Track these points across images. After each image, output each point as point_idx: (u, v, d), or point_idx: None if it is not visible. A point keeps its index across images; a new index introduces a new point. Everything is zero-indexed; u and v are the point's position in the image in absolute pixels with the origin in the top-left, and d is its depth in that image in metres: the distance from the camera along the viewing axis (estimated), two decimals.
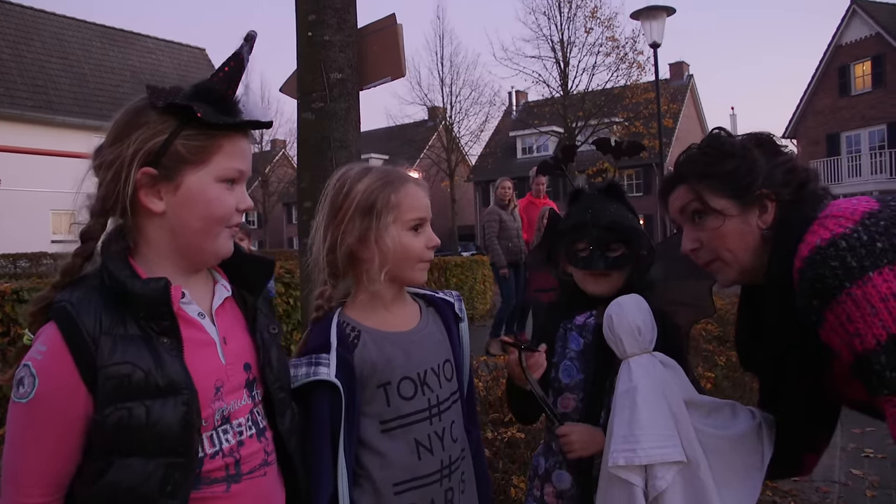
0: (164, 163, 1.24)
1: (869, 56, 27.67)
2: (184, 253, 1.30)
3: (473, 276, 11.54)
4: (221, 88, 1.27)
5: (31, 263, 16.38)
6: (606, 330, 1.75)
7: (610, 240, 1.88)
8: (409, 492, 1.52)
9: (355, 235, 1.55)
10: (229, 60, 1.29)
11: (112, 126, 1.28)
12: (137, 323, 1.20)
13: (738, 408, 1.70)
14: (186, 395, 1.20)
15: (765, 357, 1.56)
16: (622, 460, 1.59)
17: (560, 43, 27.15)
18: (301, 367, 1.50)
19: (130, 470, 1.16)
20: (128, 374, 1.16)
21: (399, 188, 1.58)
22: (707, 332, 6.68)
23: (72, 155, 12.90)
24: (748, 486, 1.62)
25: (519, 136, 40.62)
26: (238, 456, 1.30)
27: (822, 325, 1.32)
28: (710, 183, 1.56)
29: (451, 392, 1.63)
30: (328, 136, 3.00)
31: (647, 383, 1.65)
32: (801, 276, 1.34)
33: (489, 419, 3.81)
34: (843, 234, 1.30)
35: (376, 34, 3.24)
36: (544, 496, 1.91)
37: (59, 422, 1.16)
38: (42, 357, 1.15)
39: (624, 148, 2.11)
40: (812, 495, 4.03)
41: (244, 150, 1.32)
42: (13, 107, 19.04)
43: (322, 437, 1.47)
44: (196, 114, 1.22)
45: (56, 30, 22.15)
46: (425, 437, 1.56)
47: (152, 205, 1.25)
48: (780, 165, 1.53)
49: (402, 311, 1.65)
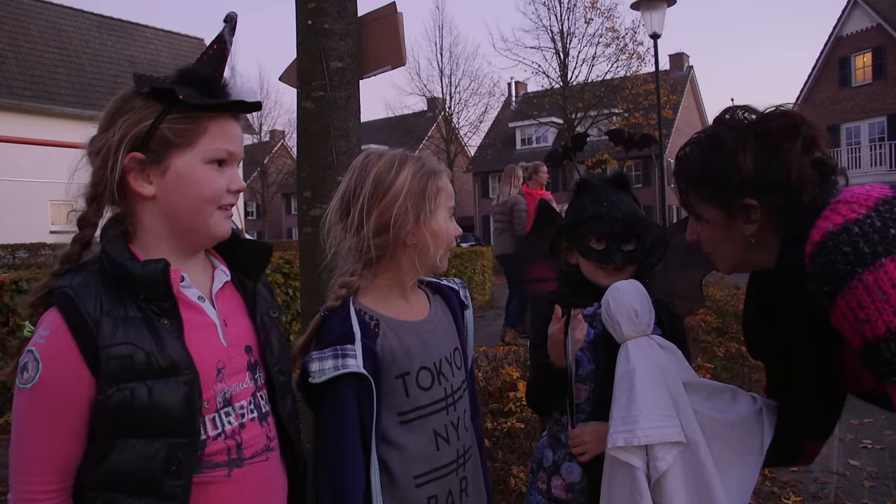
0: (151, 147, 1.26)
1: (870, 47, 27.59)
2: (178, 235, 1.31)
3: (472, 266, 11.53)
4: (206, 72, 1.29)
5: (29, 254, 16.37)
6: (604, 314, 1.74)
7: (626, 233, 1.86)
8: (429, 484, 1.50)
9: (411, 218, 1.52)
10: (212, 44, 1.30)
11: (103, 115, 1.30)
12: (137, 305, 1.21)
13: (739, 393, 1.70)
14: (188, 374, 1.21)
15: (774, 343, 1.55)
16: (621, 441, 1.59)
17: (560, 33, 27.04)
18: (327, 359, 1.42)
19: (134, 451, 1.17)
20: (129, 355, 1.17)
21: (441, 175, 1.58)
22: (706, 324, 6.70)
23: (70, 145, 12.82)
24: (747, 469, 1.62)
25: (518, 127, 40.53)
26: (240, 439, 1.31)
27: (833, 311, 1.31)
28: (696, 190, 1.55)
29: (462, 381, 1.63)
30: (328, 125, 2.98)
31: (644, 365, 1.65)
32: (812, 261, 1.32)
33: (489, 409, 3.82)
34: (857, 219, 1.28)
35: (377, 23, 3.22)
36: (552, 489, 1.88)
37: (65, 405, 1.16)
38: (45, 341, 1.16)
39: (637, 140, 2.10)
40: (810, 486, 4.05)
41: (232, 132, 1.33)
42: (11, 97, 18.97)
43: (351, 431, 1.42)
44: (178, 97, 1.24)
45: (53, 19, 22.05)
46: (443, 428, 1.54)
47: (142, 189, 1.27)
48: (774, 169, 1.44)
49: (415, 300, 1.63)
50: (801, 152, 1.46)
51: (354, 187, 1.55)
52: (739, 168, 1.46)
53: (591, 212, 1.88)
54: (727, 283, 10.30)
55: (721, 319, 7.34)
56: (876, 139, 27.53)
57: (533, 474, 1.97)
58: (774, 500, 3.78)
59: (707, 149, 1.54)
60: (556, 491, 1.87)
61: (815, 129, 1.49)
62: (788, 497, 3.83)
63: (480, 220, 41.02)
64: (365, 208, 1.52)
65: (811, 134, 1.48)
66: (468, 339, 1.73)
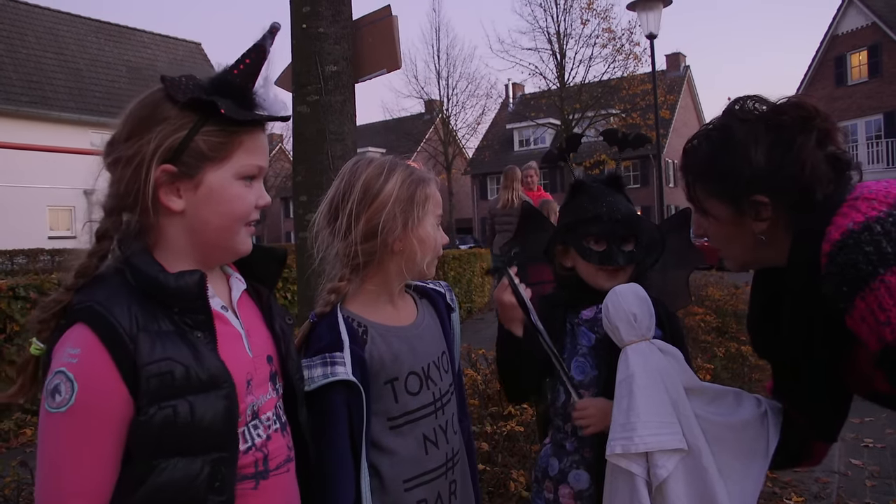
0: (184, 160, 1.19)
1: (865, 45, 27.62)
2: (203, 251, 1.25)
3: (471, 269, 11.52)
4: (241, 82, 1.23)
5: (28, 260, 16.36)
6: (604, 319, 1.72)
7: (625, 234, 1.85)
8: (418, 488, 1.52)
9: (399, 224, 1.52)
10: (250, 52, 1.24)
11: (126, 119, 1.22)
12: (170, 318, 1.16)
13: (743, 395, 1.67)
14: (227, 388, 1.17)
15: (781, 343, 1.50)
16: (619, 448, 1.57)
17: (556, 35, 27.12)
18: (316, 367, 1.44)
19: (177, 470, 1.12)
20: (170, 371, 1.12)
21: (429, 183, 1.60)
22: (706, 324, 6.67)
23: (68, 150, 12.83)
24: (752, 473, 1.60)
25: (516, 129, 40.58)
26: (266, 451, 1.28)
27: (851, 312, 1.26)
28: (704, 185, 1.50)
29: (449, 384, 1.64)
30: (324, 129, 2.98)
31: (643, 371, 1.63)
32: (830, 260, 1.27)
33: (488, 413, 3.80)
34: (878, 217, 1.24)
35: (371, 26, 3.22)
36: (559, 497, 1.85)
37: (105, 427, 1.09)
38: (78, 360, 1.08)
39: (631, 140, 2.08)
40: (812, 485, 4.03)
41: (263, 146, 1.28)
42: (8, 102, 18.99)
43: (341, 438, 1.43)
44: (219, 110, 1.18)
45: (50, 25, 22.07)
46: (431, 432, 1.55)
47: (171, 203, 1.20)
48: (787, 164, 1.38)
49: (403, 305, 1.64)
50: (815, 146, 1.39)
51: (343, 192, 1.56)
52: (750, 162, 1.40)
53: (592, 213, 1.86)
54: (726, 282, 10.28)
55: (721, 319, 7.32)
56: (872, 137, 27.53)
57: (538, 484, 1.93)
58: (776, 500, 3.77)
59: (716, 142, 1.48)
60: (564, 500, 1.84)
61: (829, 121, 1.43)
62: (790, 497, 3.82)
63: (479, 223, 41.03)
64: (353, 214, 1.52)
65: (825, 127, 1.42)
66: (455, 342, 1.74)
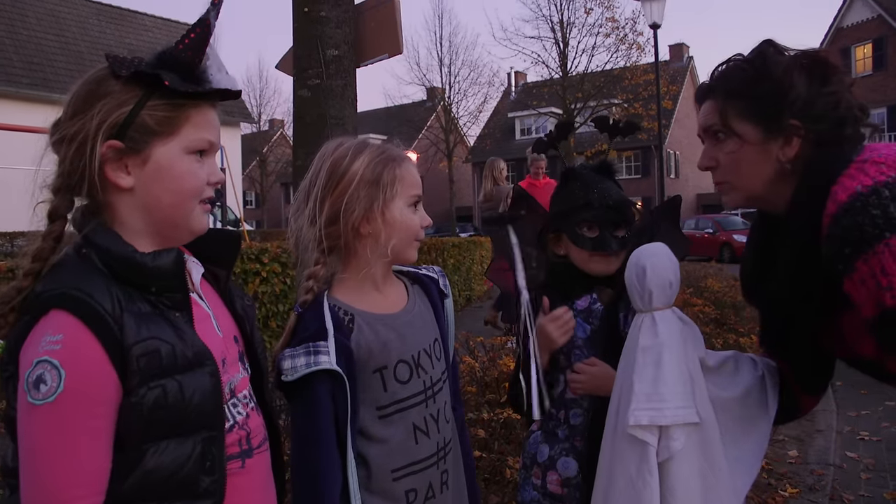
0: (130, 135, 1.16)
1: (870, 38, 27.55)
2: (158, 230, 1.22)
3: (471, 257, 11.51)
4: (187, 56, 1.20)
5: (28, 242, 16.31)
6: (633, 280, 1.64)
7: (618, 220, 1.85)
8: (407, 477, 1.49)
9: (362, 207, 1.49)
10: (195, 27, 1.22)
11: (71, 98, 1.20)
12: (146, 299, 1.15)
13: (740, 359, 1.66)
14: (210, 365, 1.17)
15: (772, 294, 1.50)
16: (646, 419, 1.50)
17: (560, 23, 26.98)
18: (299, 356, 1.40)
19: (168, 453, 1.11)
20: (157, 350, 1.11)
21: (401, 163, 1.54)
22: (704, 315, 6.68)
23: None
24: (755, 438, 1.60)
25: (518, 117, 40.47)
26: (248, 429, 1.29)
27: (851, 274, 1.25)
28: (737, 104, 1.47)
29: (441, 372, 1.60)
30: (324, 114, 2.97)
31: (673, 340, 1.57)
32: (834, 221, 1.26)
33: (485, 400, 3.81)
34: (887, 182, 1.23)
35: (373, 10, 3.20)
36: (547, 484, 1.86)
37: (98, 412, 1.07)
38: (62, 346, 1.04)
39: (621, 127, 2.07)
40: (807, 477, 4.05)
41: (213, 121, 1.26)
42: (9, 84, 18.90)
43: (325, 427, 1.40)
44: (163, 82, 1.15)
45: (51, 7, 21.95)
46: (422, 421, 1.52)
47: (120, 180, 1.17)
48: (823, 96, 1.41)
49: (391, 292, 1.60)
50: (848, 88, 1.45)
51: (312, 176, 1.53)
52: (792, 86, 1.41)
53: (583, 200, 1.86)
54: (725, 274, 10.29)
55: (719, 311, 7.33)
56: None
57: (526, 470, 1.94)
58: (771, 491, 3.78)
59: (758, 65, 1.47)
60: (552, 486, 1.85)
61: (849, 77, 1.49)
62: (785, 489, 3.83)
63: (479, 211, 40.95)
64: (318, 197, 1.50)
65: (849, 81, 1.47)
66: (449, 329, 1.69)
